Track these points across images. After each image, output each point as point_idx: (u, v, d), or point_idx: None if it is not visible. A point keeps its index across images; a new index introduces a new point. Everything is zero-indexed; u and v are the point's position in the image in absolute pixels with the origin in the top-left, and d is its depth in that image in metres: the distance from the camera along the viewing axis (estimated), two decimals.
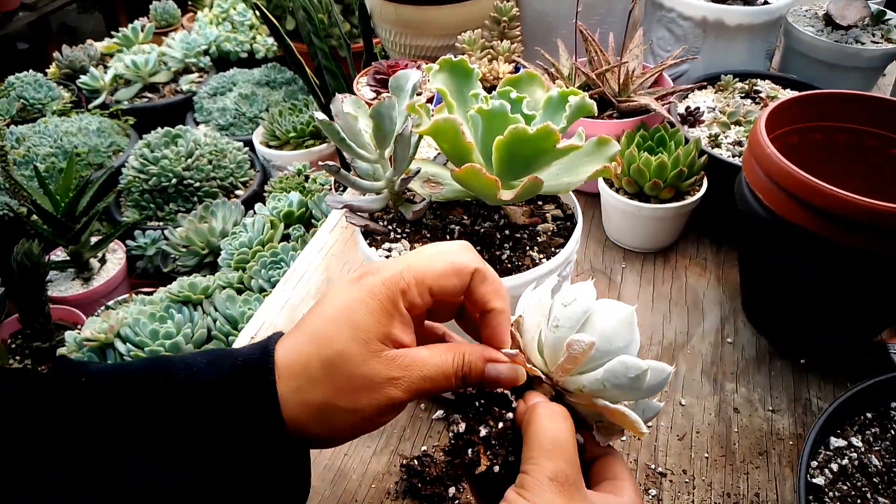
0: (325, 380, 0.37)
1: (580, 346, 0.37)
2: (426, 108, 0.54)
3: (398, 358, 0.38)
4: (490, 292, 0.41)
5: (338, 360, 0.37)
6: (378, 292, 0.38)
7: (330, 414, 0.37)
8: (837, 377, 0.67)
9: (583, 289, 0.40)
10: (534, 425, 0.36)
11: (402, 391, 0.38)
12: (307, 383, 0.37)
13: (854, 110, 0.68)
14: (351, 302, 0.38)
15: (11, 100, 2.19)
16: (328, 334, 0.38)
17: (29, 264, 1.35)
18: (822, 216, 0.55)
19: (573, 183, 0.56)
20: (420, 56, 1.14)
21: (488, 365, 0.39)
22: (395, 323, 0.38)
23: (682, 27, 0.98)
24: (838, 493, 0.48)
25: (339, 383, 0.37)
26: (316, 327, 0.38)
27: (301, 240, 1.36)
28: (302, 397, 0.37)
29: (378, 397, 0.37)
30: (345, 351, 0.37)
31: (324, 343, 0.37)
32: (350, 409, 0.37)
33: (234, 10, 2.57)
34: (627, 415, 0.37)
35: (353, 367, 0.37)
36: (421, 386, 0.38)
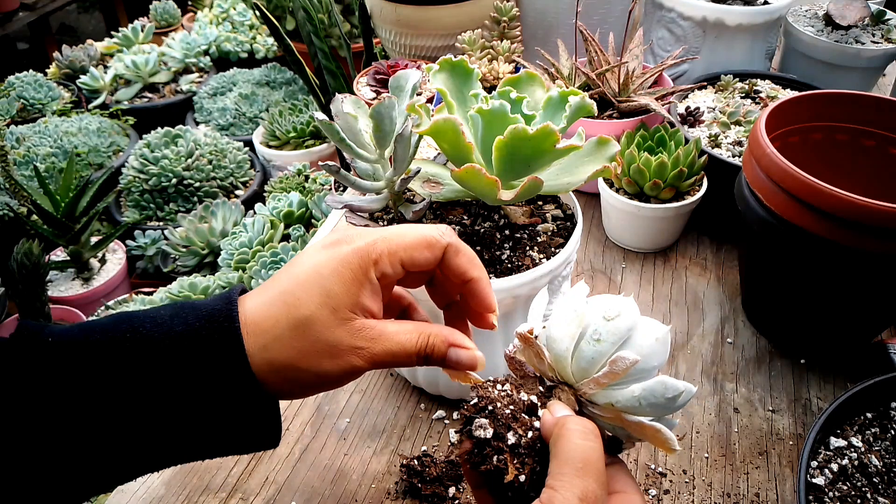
0: (292, 341, 0.38)
1: (624, 364, 0.37)
2: (426, 108, 0.54)
3: (364, 329, 0.39)
4: (465, 262, 0.42)
5: (305, 323, 0.38)
6: (350, 261, 0.39)
7: (293, 374, 0.38)
8: (837, 377, 0.67)
9: (625, 303, 0.39)
10: (565, 440, 0.35)
11: (364, 361, 0.39)
12: (273, 342, 0.38)
13: (854, 110, 0.68)
14: (322, 268, 0.39)
15: (11, 100, 2.19)
16: (298, 296, 0.38)
17: (29, 264, 1.35)
18: (822, 216, 0.55)
19: (573, 183, 0.56)
20: (420, 56, 1.14)
21: (450, 349, 0.40)
22: (364, 292, 0.39)
23: (682, 27, 0.98)
24: (838, 493, 0.48)
25: (305, 346, 0.38)
26: (286, 288, 0.39)
27: (301, 240, 1.36)
28: (267, 356, 0.37)
29: (341, 363, 0.38)
30: (313, 316, 0.38)
31: (293, 304, 0.38)
32: (313, 372, 0.38)
33: (234, 10, 2.57)
34: (663, 432, 0.37)
35: (320, 332, 0.38)
36: (383, 359, 0.39)
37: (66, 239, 1.63)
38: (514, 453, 0.37)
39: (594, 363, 0.38)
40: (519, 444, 0.37)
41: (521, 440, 0.37)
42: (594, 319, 0.39)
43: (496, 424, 0.37)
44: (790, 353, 0.69)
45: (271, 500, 0.58)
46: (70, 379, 0.35)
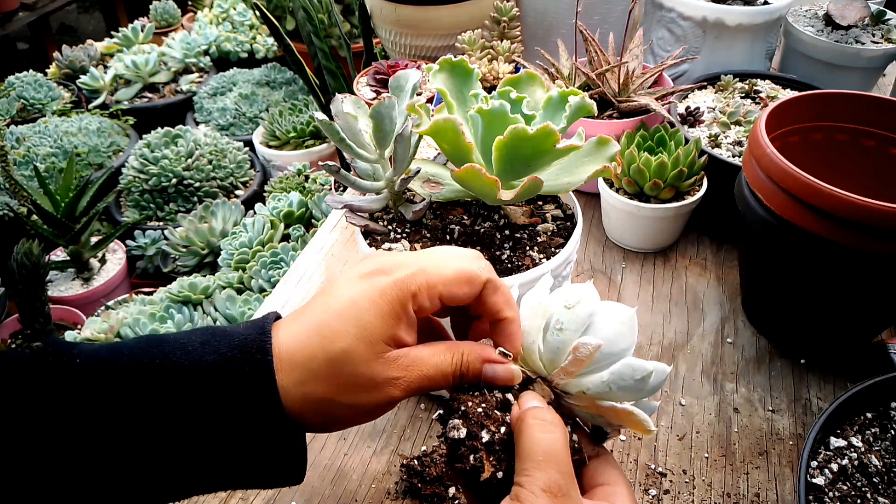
0: (328, 376, 0.37)
1: (587, 350, 0.37)
2: (426, 108, 0.54)
3: (400, 359, 0.38)
4: (502, 302, 0.41)
5: (342, 357, 0.37)
6: (388, 293, 0.38)
7: (329, 408, 0.38)
8: (837, 377, 0.67)
9: (585, 290, 0.39)
10: (525, 435, 0.36)
11: (401, 391, 0.38)
12: (310, 377, 0.37)
13: (854, 110, 0.68)
14: (360, 299, 0.38)
15: (11, 100, 2.19)
16: (335, 329, 0.37)
17: (29, 264, 1.35)
18: (822, 216, 0.55)
19: (573, 183, 0.56)
20: (420, 56, 1.14)
21: (485, 365, 0.40)
22: (400, 325, 0.38)
23: (682, 27, 0.98)
24: (838, 493, 0.48)
25: (342, 381, 0.37)
26: (322, 319, 0.38)
27: (301, 240, 1.36)
28: (303, 390, 0.37)
29: (378, 396, 0.38)
30: (350, 349, 0.37)
31: (330, 338, 0.37)
32: (349, 405, 0.38)
33: (234, 10, 2.57)
34: (636, 414, 0.38)
35: (357, 366, 0.37)
36: (420, 384, 0.39)
37: (66, 239, 1.63)
38: (489, 451, 0.37)
39: (560, 353, 0.39)
40: (493, 440, 0.37)
41: (494, 437, 0.37)
42: (556, 309, 0.39)
43: (468, 424, 0.37)
44: (790, 353, 0.69)
45: (271, 500, 0.58)
46: (96, 402, 0.35)
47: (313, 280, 0.82)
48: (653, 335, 0.72)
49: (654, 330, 0.73)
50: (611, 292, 0.78)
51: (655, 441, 0.61)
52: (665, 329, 0.73)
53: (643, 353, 0.70)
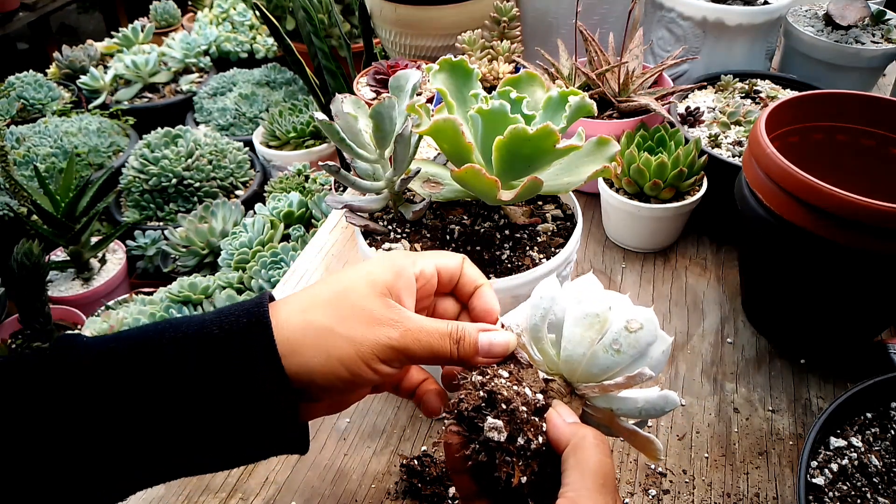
0: (330, 305, 0.40)
1: (642, 379, 0.37)
2: (426, 108, 0.54)
3: (398, 308, 0.41)
4: (475, 273, 0.46)
5: (345, 291, 0.40)
6: (393, 256, 0.43)
7: (329, 338, 0.39)
8: (837, 377, 0.67)
9: (648, 316, 0.38)
10: (586, 453, 0.35)
11: (399, 333, 0.39)
12: (312, 306, 0.40)
13: (854, 110, 0.68)
14: (366, 263, 0.43)
15: (11, 100, 2.19)
16: (340, 276, 0.42)
17: (29, 264, 1.35)
18: (822, 216, 0.55)
19: (573, 183, 0.56)
20: (420, 56, 1.14)
21: (481, 333, 0.41)
22: (401, 282, 0.41)
23: (682, 27, 0.98)
24: (838, 493, 0.48)
25: (344, 310, 0.39)
26: (328, 277, 0.43)
27: (301, 240, 1.36)
28: (305, 317, 0.39)
29: (377, 334, 0.39)
30: (353, 285, 0.41)
31: (335, 280, 0.42)
32: (349, 338, 0.39)
33: (234, 10, 2.57)
34: (655, 443, 0.39)
35: (358, 298, 0.40)
36: (417, 337, 0.40)
37: (66, 239, 1.63)
38: (520, 456, 0.36)
39: (607, 371, 0.38)
40: (528, 447, 0.36)
41: (529, 444, 0.36)
42: (616, 328, 0.38)
43: (512, 427, 0.36)
44: (790, 353, 0.69)
45: (271, 500, 0.58)
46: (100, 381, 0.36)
47: (313, 280, 0.82)
48: None
49: None
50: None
51: None
52: (665, 329, 0.73)
53: None
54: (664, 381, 0.67)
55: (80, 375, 0.36)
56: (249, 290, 1.25)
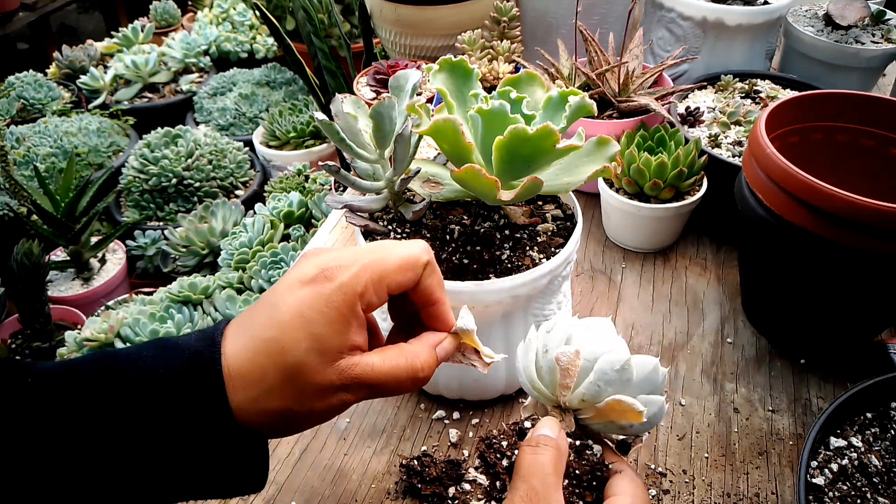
0: (282, 389, 0.37)
1: (567, 357, 0.40)
2: (426, 108, 0.54)
3: (352, 368, 0.39)
4: (435, 284, 0.42)
5: (293, 371, 0.37)
6: (335, 300, 0.38)
7: (287, 417, 0.39)
8: (837, 377, 0.67)
9: (560, 317, 0.44)
10: (518, 457, 0.40)
11: (354, 396, 0.39)
12: (264, 394, 0.37)
13: (854, 110, 0.68)
14: (306, 310, 0.37)
15: (11, 100, 2.19)
16: (284, 343, 0.37)
17: (29, 264, 1.35)
18: (822, 216, 0.55)
19: (573, 183, 0.56)
20: (420, 56, 1.14)
21: (437, 348, 0.42)
22: (351, 329, 0.38)
23: (682, 27, 0.98)
24: (838, 493, 0.48)
25: (296, 393, 0.38)
26: (269, 335, 0.38)
27: (301, 240, 1.35)
28: (259, 407, 0.37)
29: (332, 402, 0.39)
30: (301, 362, 0.37)
31: (279, 352, 0.37)
32: (306, 412, 0.39)
33: (234, 10, 2.57)
34: (623, 400, 0.40)
35: (310, 377, 0.37)
36: (374, 390, 0.40)
37: (66, 239, 1.63)
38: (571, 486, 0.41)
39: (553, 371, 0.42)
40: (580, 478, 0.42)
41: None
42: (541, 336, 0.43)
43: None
44: (790, 353, 0.69)
45: (271, 500, 0.58)
46: (48, 413, 0.35)
47: None
48: (653, 335, 0.72)
49: (654, 330, 0.73)
50: (611, 292, 0.78)
51: (655, 441, 0.61)
52: (665, 329, 0.73)
53: (643, 352, 0.70)
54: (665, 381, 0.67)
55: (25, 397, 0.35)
56: (249, 290, 1.25)
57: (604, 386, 0.40)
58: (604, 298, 0.77)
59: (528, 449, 0.40)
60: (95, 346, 1.14)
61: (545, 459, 0.39)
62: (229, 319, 0.40)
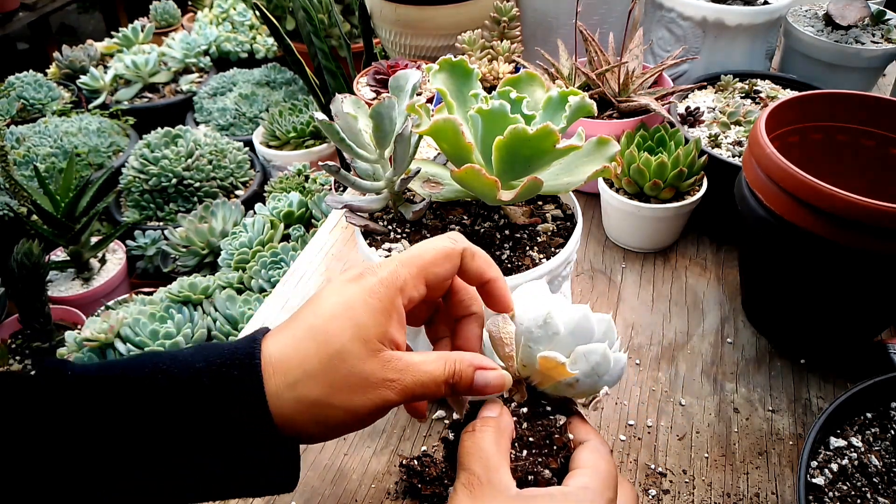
0: (323, 376, 0.37)
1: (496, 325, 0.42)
2: (426, 108, 0.54)
3: (394, 360, 0.39)
4: (483, 265, 0.42)
5: (337, 357, 0.37)
6: (378, 291, 0.39)
7: (324, 411, 0.38)
8: (837, 377, 0.67)
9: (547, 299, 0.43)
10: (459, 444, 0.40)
11: (395, 393, 0.38)
12: (304, 378, 0.37)
13: (854, 110, 0.68)
14: (351, 300, 0.39)
15: (11, 100, 2.19)
16: (329, 331, 0.38)
17: (29, 264, 1.35)
18: (822, 216, 0.55)
19: (573, 183, 0.56)
20: (420, 56, 1.14)
21: (477, 373, 0.40)
22: (392, 322, 0.39)
23: (682, 27, 0.98)
24: (838, 493, 0.48)
25: (337, 381, 0.37)
26: (315, 323, 0.38)
27: (301, 240, 1.36)
28: (297, 393, 0.37)
29: (373, 397, 0.38)
30: (345, 349, 0.37)
31: (324, 339, 0.38)
32: (344, 408, 0.38)
33: (234, 10, 2.57)
34: (547, 356, 0.39)
35: (352, 365, 0.37)
36: (413, 390, 0.39)
37: (66, 239, 1.63)
38: None
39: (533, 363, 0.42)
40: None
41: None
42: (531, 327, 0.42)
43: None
44: (790, 353, 0.69)
45: (271, 499, 0.58)
46: (88, 411, 0.35)
47: (313, 280, 0.82)
48: (653, 335, 0.72)
49: (654, 330, 0.73)
50: (611, 292, 0.78)
51: (655, 441, 0.61)
52: (665, 329, 0.73)
53: (643, 352, 0.70)
54: (665, 381, 0.67)
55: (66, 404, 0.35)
56: (249, 290, 1.25)
57: (534, 346, 0.39)
58: (604, 298, 0.77)
59: (466, 434, 0.39)
60: (95, 347, 1.14)
61: (484, 440, 0.38)
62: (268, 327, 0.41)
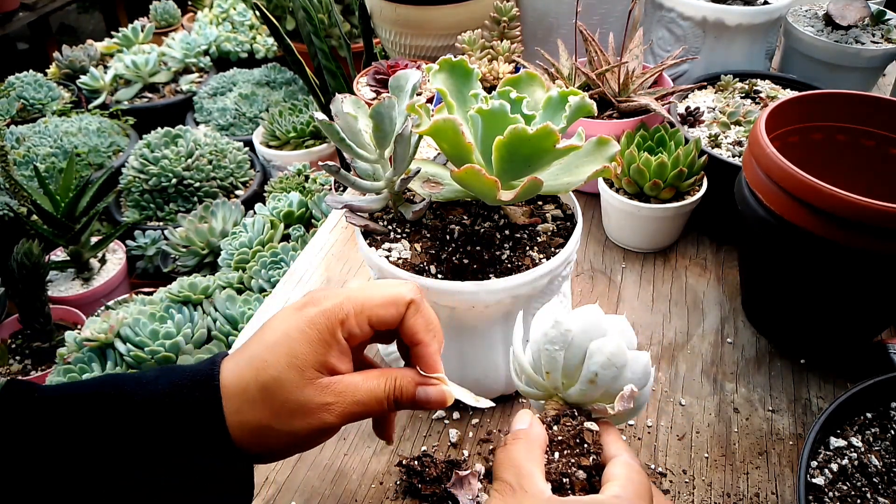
0: (262, 403, 0.39)
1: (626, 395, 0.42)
2: (426, 108, 0.54)
3: (332, 385, 0.40)
4: (420, 325, 0.43)
5: (274, 385, 0.39)
6: (317, 322, 0.40)
7: (266, 434, 0.39)
8: (837, 377, 0.67)
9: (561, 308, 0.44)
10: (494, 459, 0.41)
11: (334, 416, 0.40)
12: (245, 405, 0.39)
13: (854, 110, 0.68)
14: (290, 330, 0.40)
15: (11, 100, 2.19)
16: (266, 360, 0.40)
17: (29, 264, 1.35)
18: (822, 216, 0.55)
19: (573, 183, 0.56)
20: (420, 56, 1.14)
21: (419, 388, 0.42)
22: (332, 352, 0.41)
23: (682, 27, 0.98)
24: (838, 493, 0.48)
25: (275, 407, 0.39)
26: (256, 352, 0.40)
27: (301, 240, 1.35)
28: (241, 418, 0.39)
29: (312, 421, 0.40)
30: (280, 377, 0.39)
31: (261, 368, 0.39)
32: (285, 432, 0.40)
33: (234, 10, 2.57)
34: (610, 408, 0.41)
35: (289, 392, 0.39)
36: (353, 410, 0.40)
37: (66, 239, 1.63)
38: None
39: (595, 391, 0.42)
40: None
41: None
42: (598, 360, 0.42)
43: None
44: (790, 353, 0.69)
45: (271, 500, 0.58)
46: (52, 430, 0.36)
47: (313, 280, 0.82)
48: (653, 335, 0.72)
49: (654, 330, 0.73)
50: (611, 292, 0.78)
51: (655, 441, 0.61)
52: (665, 329, 0.73)
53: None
54: (664, 380, 0.67)
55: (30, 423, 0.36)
56: (249, 290, 1.25)
57: (550, 346, 0.41)
58: (604, 298, 0.77)
59: (498, 449, 0.40)
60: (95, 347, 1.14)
61: (515, 451, 0.39)
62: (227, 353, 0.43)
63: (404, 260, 0.57)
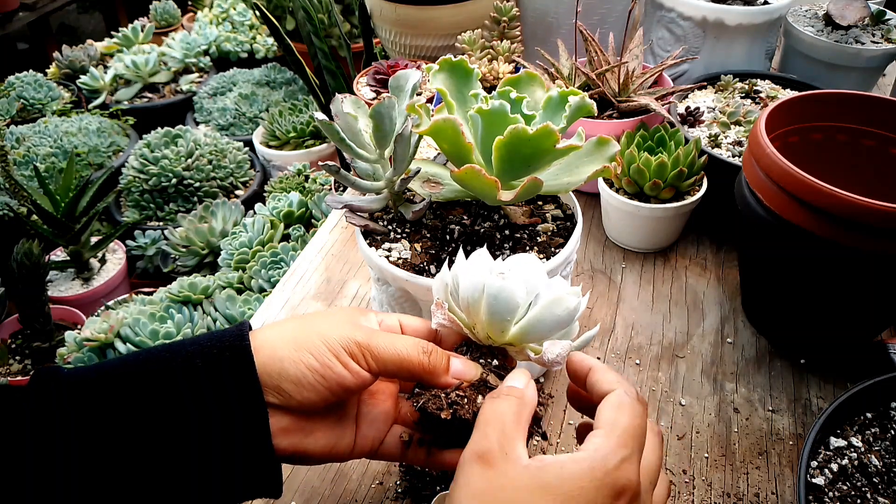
0: (302, 319, 0.42)
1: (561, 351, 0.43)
2: (426, 108, 0.54)
3: (371, 335, 0.42)
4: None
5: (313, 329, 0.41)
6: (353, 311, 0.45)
7: (300, 335, 0.40)
8: (837, 377, 0.67)
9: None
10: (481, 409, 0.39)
11: (365, 336, 0.41)
12: (278, 325, 0.42)
13: (854, 110, 0.68)
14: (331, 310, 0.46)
15: (11, 100, 2.19)
16: (311, 317, 0.43)
17: (29, 264, 1.35)
18: (822, 216, 0.55)
19: (573, 183, 0.56)
20: (420, 56, 1.14)
21: (453, 358, 0.43)
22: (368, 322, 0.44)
23: (682, 27, 0.98)
24: (838, 493, 0.48)
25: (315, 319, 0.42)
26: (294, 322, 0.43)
27: (301, 240, 1.36)
28: (276, 332, 0.41)
29: (345, 331, 0.41)
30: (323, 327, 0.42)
31: (306, 319, 0.43)
32: (318, 332, 0.40)
33: (234, 10, 2.57)
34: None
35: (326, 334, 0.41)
36: (384, 340, 0.41)
37: (66, 239, 1.63)
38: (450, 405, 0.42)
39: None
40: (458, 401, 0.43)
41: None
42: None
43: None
44: (790, 353, 0.69)
45: (271, 500, 0.58)
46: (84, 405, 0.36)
47: (313, 280, 0.82)
48: (653, 335, 0.72)
49: (654, 330, 0.73)
50: (611, 292, 0.78)
51: None
52: (665, 329, 0.73)
53: (643, 352, 0.70)
54: (664, 381, 0.67)
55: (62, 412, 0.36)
56: (249, 290, 1.25)
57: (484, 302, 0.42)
58: (604, 298, 0.77)
59: (488, 399, 0.39)
60: (95, 347, 1.14)
61: (505, 408, 0.37)
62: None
63: (404, 260, 0.57)
